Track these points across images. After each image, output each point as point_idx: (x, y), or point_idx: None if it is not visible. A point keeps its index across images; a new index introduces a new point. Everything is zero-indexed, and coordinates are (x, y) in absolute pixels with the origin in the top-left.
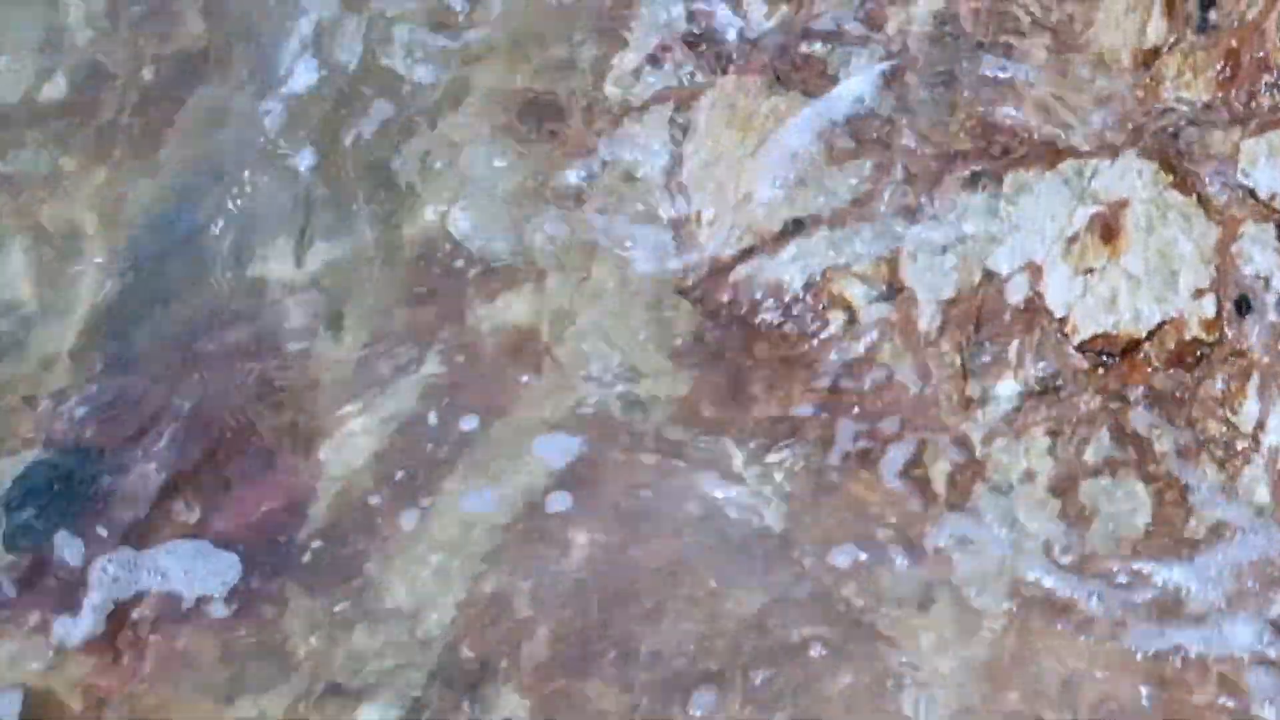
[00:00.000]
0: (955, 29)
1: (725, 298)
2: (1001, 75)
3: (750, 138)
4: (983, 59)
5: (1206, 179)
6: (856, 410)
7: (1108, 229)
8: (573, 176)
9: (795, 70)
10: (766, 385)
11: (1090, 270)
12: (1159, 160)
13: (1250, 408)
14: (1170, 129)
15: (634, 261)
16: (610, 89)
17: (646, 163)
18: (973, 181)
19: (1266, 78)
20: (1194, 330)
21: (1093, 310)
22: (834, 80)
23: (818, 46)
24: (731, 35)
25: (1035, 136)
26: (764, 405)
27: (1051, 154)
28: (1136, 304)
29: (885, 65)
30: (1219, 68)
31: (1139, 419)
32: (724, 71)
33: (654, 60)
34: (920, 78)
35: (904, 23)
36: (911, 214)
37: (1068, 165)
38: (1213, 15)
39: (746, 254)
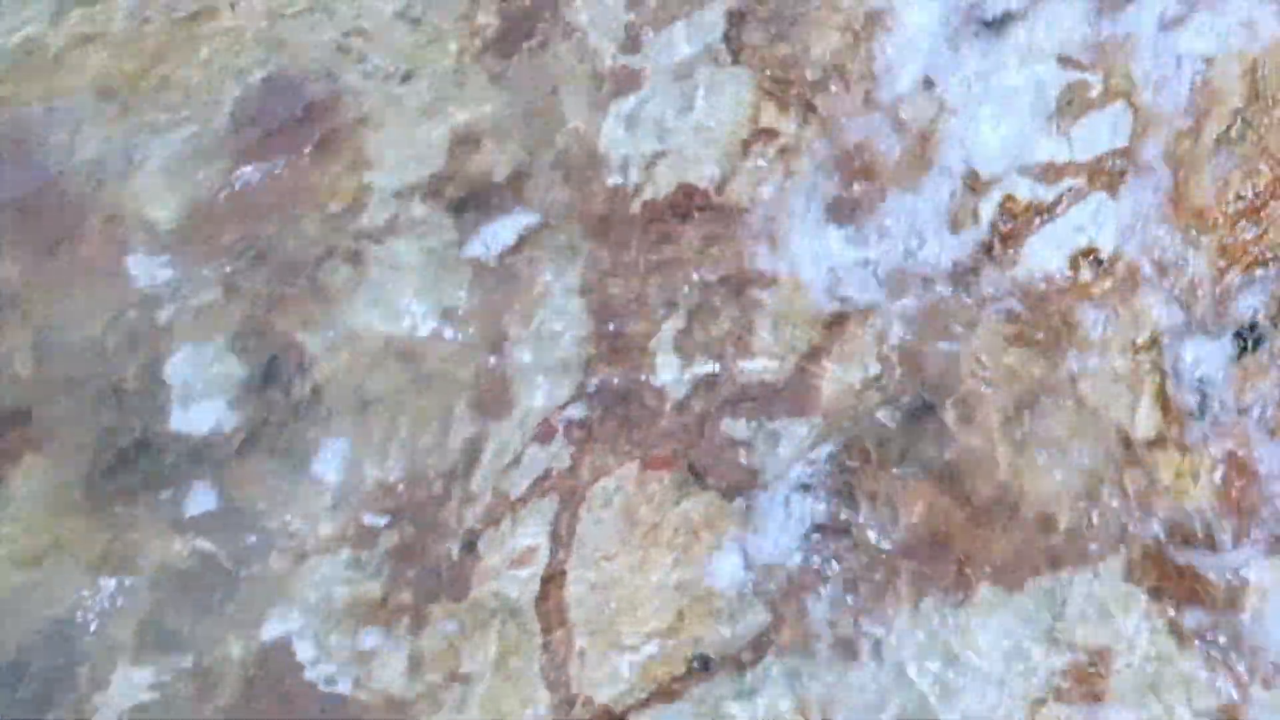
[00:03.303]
0: (900, 391)
1: None
2: (957, 453)
3: (651, 557)
4: (932, 432)
5: (1209, 624)
6: None
7: (1088, 695)
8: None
9: (713, 461)
10: None
11: None
12: (1148, 588)
13: None
14: (1166, 543)
15: None
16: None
17: (515, 585)
18: (920, 604)
19: None
20: None
21: None
22: (754, 474)
23: (741, 426)
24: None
25: (998, 539)
26: None
27: (1020, 563)
28: None
29: (822, 451)
30: (1224, 470)
31: None
32: (623, 457)
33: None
34: (859, 462)
35: (840, 380)
36: (844, 650)
37: (1038, 585)
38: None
39: (638, 705)
